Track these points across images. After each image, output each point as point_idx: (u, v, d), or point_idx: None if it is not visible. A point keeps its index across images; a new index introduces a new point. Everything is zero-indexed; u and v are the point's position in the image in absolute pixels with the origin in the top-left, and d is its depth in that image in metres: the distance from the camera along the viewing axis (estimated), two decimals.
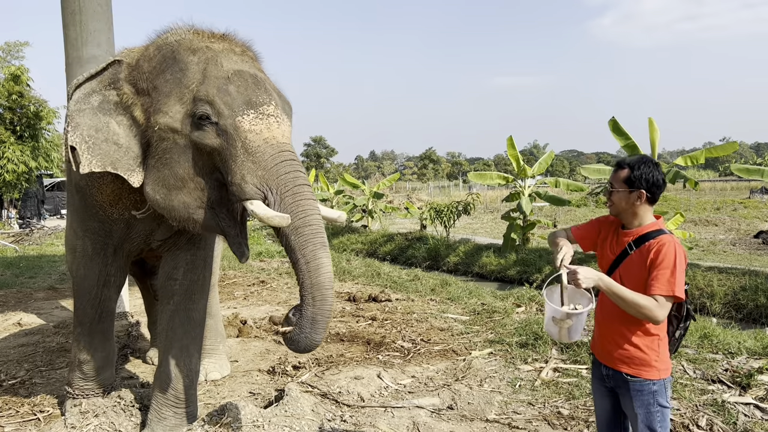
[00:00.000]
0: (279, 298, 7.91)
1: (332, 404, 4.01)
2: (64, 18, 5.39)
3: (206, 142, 2.65)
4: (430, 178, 64.90)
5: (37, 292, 8.62)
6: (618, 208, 2.39)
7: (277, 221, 2.50)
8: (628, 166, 2.35)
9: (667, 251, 2.23)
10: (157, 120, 2.72)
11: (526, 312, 6.51)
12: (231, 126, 2.61)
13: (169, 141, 2.72)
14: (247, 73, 2.73)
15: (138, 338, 5.71)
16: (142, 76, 2.82)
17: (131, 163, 2.82)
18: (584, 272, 2.20)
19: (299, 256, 2.55)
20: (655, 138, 10.69)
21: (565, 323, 2.29)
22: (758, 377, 4.15)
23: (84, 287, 3.55)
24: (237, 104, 2.63)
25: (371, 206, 18.83)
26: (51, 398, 4.14)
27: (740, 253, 12.95)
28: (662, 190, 2.38)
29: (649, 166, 2.33)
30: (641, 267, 2.29)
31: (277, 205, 2.57)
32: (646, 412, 2.32)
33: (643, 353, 2.31)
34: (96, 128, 2.81)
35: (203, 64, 2.71)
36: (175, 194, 2.74)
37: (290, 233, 2.55)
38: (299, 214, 2.56)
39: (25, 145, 19.79)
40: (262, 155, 2.59)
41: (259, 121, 2.63)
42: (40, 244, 15.89)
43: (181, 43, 2.80)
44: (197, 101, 2.64)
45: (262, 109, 2.65)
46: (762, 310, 8.22)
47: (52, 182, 30.18)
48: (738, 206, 23.10)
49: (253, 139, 2.60)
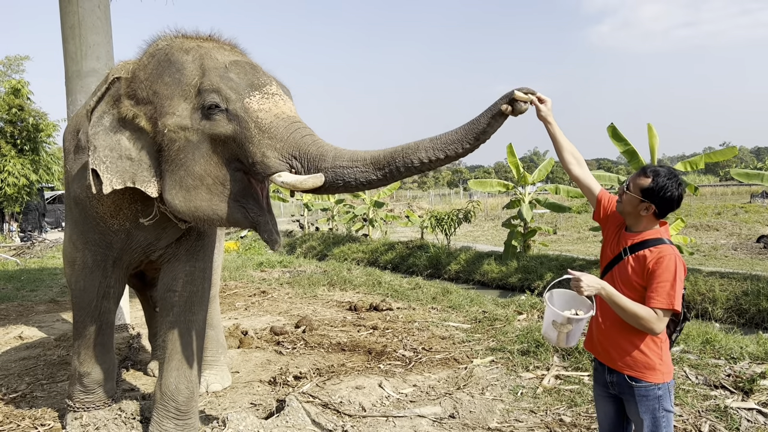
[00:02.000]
0: (280, 309, 7.89)
1: (333, 414, 3.99)
2: (64, 32, 5.42)
3: (219, 131, 2.66)
4: (430, 186, 64.92)
5: (38, 305, 8.61)
6: (624, 209, 2.41)
7: (311, 182, 2.50)
8: (652, 174, 2.33)
9: (668, 264, 2.24)
10: (164, 123, 2.73)
11: (528, 319, 6.50)
12: (241, 109, 2.64)
13: (180, 141, 2.72)
14: (242, 61, 2.80)
15: (139, 350, 5.70)
16: (140, 86, 2.83)
17: (146, 175, 2.84)
18: (587, 279, 2.22)
19: (359, 163, 2.51)
20: (654, 143, 10.71)
21: (564, 328, 2.30)
22: (761, 382, 4.13)
23: (84, 300, 3.55)
24: (242, 87, 2.67)
25: (372, 215, 18.84)
26: (52, 412, 4.13)
27: (742, 258, 12.93)
28: (673, 210, 2.37)
29: (671, 184, 2.30)
30: (636, 273, 2.31)
31: (305, 163, 2.57)
32: (651, 417, 2.31)
33: (647, 356, 2.32)
34: (110, 147, 2.83)
35: (199, 60, 2.75)
36: (195, 194, 2.73)
37: (334, 161, 2.53)
38: (329, 150, 2.56)
39: (25, 159, 19.84)
40: (276, 129, 2.61)
41: (265, 100, 2.68)
42: (42, 257, 15.90)
43: (172, 46, 2.84)
44: (203, 92, 2.67)
45: (266, 89, 2.71)
46: (764, 314, 8.20)
47: (53, 195, 30.23)
48: (739, 211, 23.08)
49: (264, 117, 2.63)
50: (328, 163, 2.53)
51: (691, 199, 26.75)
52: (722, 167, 54.53)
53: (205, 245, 3.52)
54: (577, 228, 20.88)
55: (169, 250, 3.44)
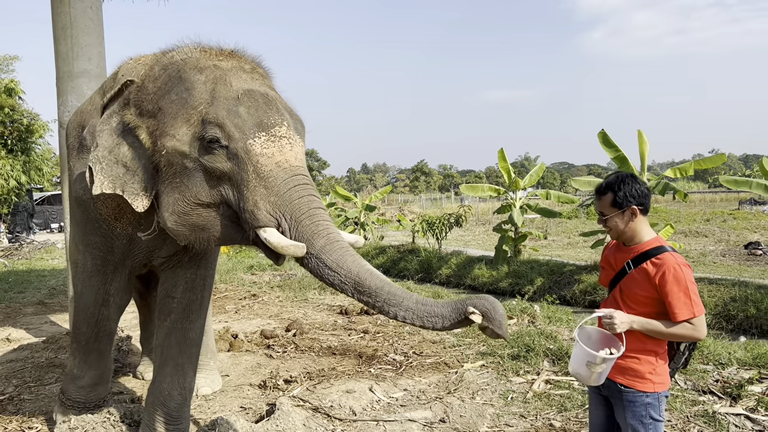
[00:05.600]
0: (270, 312, 7.88)
1: (324, 418, 3.99)
2: (55, 32, 5.38)
3: (216, 166, 2.52)
4: (422, 190, 65.03)
5: (26, 307, 8.54)
6: (617, 232, 2.43)
7: (292, 251, 2.36)
8: (609, 188, 2.39)
9: (675, 275, 2.26)
10: (164, 144, 2.59)
11: (518, 324, 6.52)
12: (242, 149, 2.48)
13: (177, 165, 2.59)
14: (257, 92, 2.60)
15: (128, 353, 5.66)
16: (147, 98, 2.71)
17: (136, 187, 2.73)
18: (620, 317, 2.26)
19: (342, 275, 2.35)
20: (644, 150, 10.80)
21: (598, 368, 2.28)
22: (748, 388, 4.17)
23: (80, 304, 3.51)
24: (248, 127, 2.50)
25: (363, 219, 18.83)
26: (40, 414, 4.10)
27: (730, 264, 13.03)
28: (650, 198, 2.42)
29: (627, 182, 2.37)
30: (642, 286, 2.33)
31: (293, 231, 2.43)
32: (638, 423, 2.34)
33: (638, 364, 2.34)
34: (110, 150, 2.74)
35: (211, 84, 2.59)
36: (188, 218, 2.62)
37: (320, 253, 2.39)
38: (321, 233, 2.42)
39: (16, 160, 19.65)
40: (274, 180, 2.47)
41: (270, 143, 2.51)
42: (30, 259, 15.77)
43: (187, 62, 2.68)
44: (206, 123, 2.52)
45: (274, 131, 2.53)
46: (752, 320, 8.27)
47: (41, 196, 29.97)
48: (727, 217, 23.26)
49: (265, 163, 2.48)
50: (314, 250, 2.39)
51: (680, 205, 26.97)
52: (711, 174, 55.05)
53: (207, 253, 3.44)
54: (567, 233, 20.97)
55: (174, 257, 3.36)
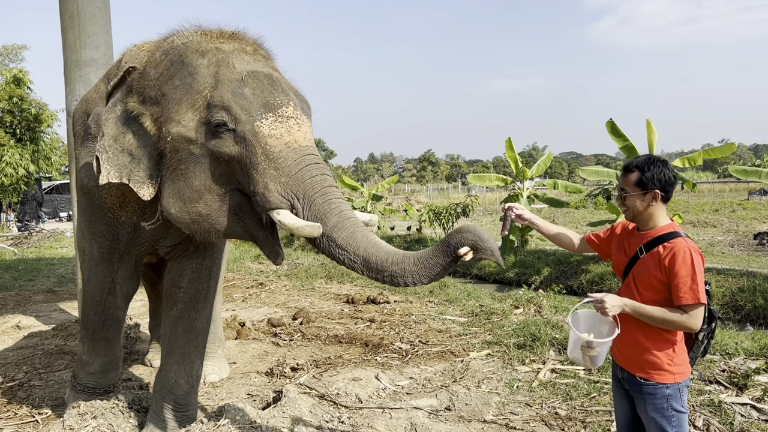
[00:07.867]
0: (277, 300, 7.92)
1: (330, 405, 4.01)
2: (63, 21, 5.39)
3: (224, 151, 2.50)
4: (428, 180, 64.84)
5: (35, 294, 8.62)
6: (633, 212, 2.38)
7: (307, 231, 2.34)
8: (637, 168, 2.33)
9: (684, 258, 2.22)
10: (169, 130, 2.56)
11: (524, 313, 6.52)
12: (249, 132, 2.46)
13: (183, 151, 2.57)
14: (261, 73, 2.58)
15: (136, 341, 5.72)
16: (149, 84, 2.66)
17: (141, 175, 2.71)
18: (610, 300, 2.23)
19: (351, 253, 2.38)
20: (653, 139, 10.72)
21: (589, 351, 2.28)
22: (755, 378, 4.16)
23: (87, 292, 3.54)
24: (254, 108, 2.48)
25: (370, 208, 18.84)
26: (49, 400, 4.15)
27: (738, 255, 12.94)
28: (674, 187, 2.37)
29: (658, 165, 2.31)
30: (654, 270, 2.29)
31: (306, 211, 2.43)
32: (660, 416, 2.29)
33: (656, 357, 2.30)
34: (115, 138, 2.71)
35: (214, 67, 2.56)
36: (192, 207, 2.60)
37: (332, 231, 2.40)
38: (333, 212, 2.42)
39: (24, 149, 19.75)
40: (284, 161, 2.46)
41: (278, 124, 2.49)
42: (39, 247, 15.89)
43: (188, 46, 2.65)
44: (212, 107, 2.49)
45: (281, 112, 2.51)
46: (760, 311, 8.23)
47: (50, 185, 30.16)
48: (736, 208, 23.08)
49: (274, 144, 2.46)
50: (327, 228, 2.39)
51: (689, 195, 26.77)
52: (720, 164, 54.60)
53: (213, 243, 3.41)
54: (575, 223, 20.88)
55: (179, 245, 3.37)
